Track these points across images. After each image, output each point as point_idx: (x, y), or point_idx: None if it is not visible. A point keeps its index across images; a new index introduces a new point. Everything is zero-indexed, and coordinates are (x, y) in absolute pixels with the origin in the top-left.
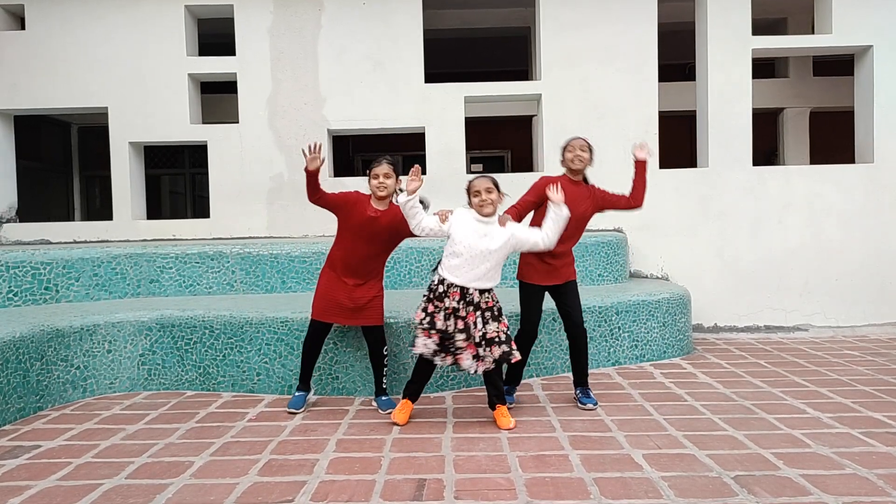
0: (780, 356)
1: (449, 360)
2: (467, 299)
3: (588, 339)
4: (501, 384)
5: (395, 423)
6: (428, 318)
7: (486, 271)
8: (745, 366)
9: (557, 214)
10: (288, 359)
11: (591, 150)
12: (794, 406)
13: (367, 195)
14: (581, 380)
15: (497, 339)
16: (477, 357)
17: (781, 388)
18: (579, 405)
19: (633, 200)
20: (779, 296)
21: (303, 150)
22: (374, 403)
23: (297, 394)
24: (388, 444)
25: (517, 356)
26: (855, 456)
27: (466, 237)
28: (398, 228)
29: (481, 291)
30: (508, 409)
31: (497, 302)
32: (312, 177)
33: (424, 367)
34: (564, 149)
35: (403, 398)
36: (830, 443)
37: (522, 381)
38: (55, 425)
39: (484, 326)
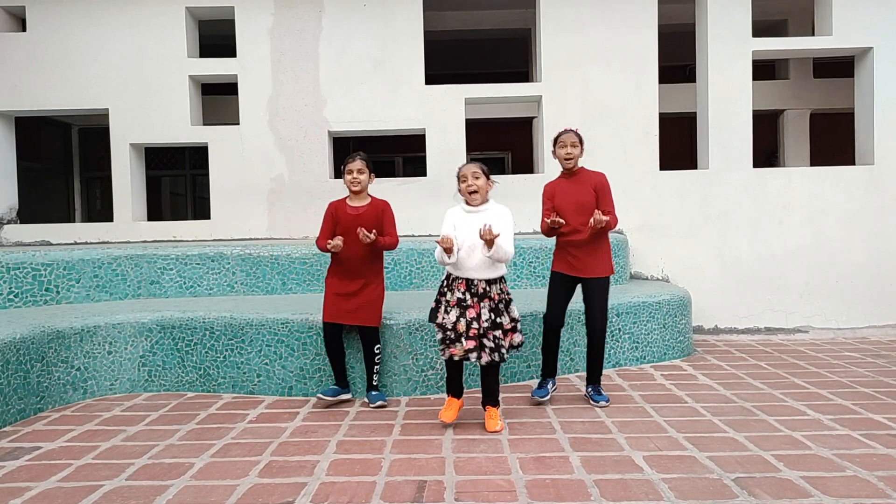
0: (781, 358)
1: (454, 350)
2: (472, 290)
3: (605, 341)
4: (496, 386)
5: (444, 423)
6: (438, 314)
7: (483, 259)
8: (746, 367)
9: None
10: (288, 360)
11: (581, 142)
12: (795, 408)
13: (340, 200)
14: (593, 378)
15: (502, 333)
16: (481, 348)
17: (782, 389)
18: (591, 402)
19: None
20: (779, 297)
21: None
22: (366, 398)
23: (332, 386)
24: (388, 445)
25: (518, 339)
26: (856, 458)
27: (461, 231)
28: (381, 222)
29: (489, 283)
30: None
31: (506, 294)
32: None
33: (449, 361)
34: (555, 142)
35: (448, 396)
36: (831, 445)
37: (522, 382)
38: (55, 426)
39: (491, 317)
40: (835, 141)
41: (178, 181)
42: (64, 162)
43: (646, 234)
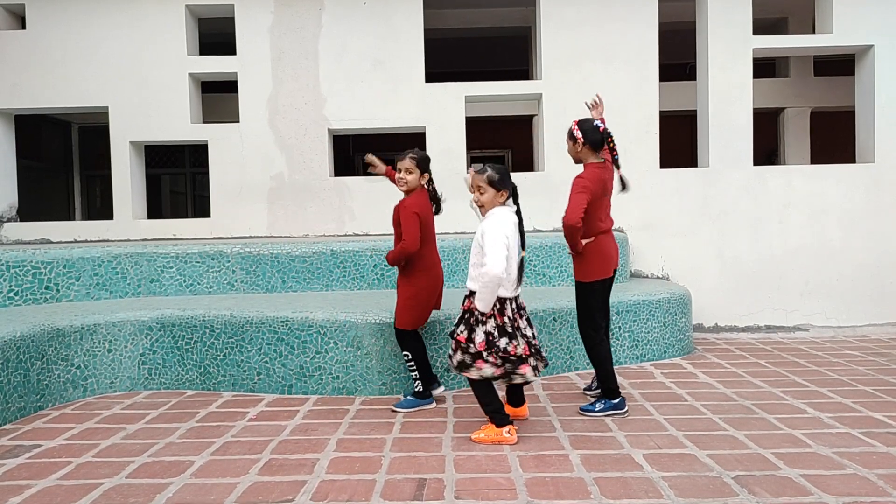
0: (781, 356)
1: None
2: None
3: (590, 345)
4: (477, 398)
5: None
6: None
7: (472, 268)
8: (746, 366)
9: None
10: (288, 358)
11: (571, 136)
12: (795, 406)
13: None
14: (601, 386)
15: (457, 343)
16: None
17: (782, 387)
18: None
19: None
20: (779, 296)
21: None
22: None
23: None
24: (388, 443)
25: (458, 358)
26: (855, 456)
27: None
28: (399, 221)
29: (471, 291)
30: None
31: (478, 315)
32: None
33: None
34: None
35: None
36: (831, 443)
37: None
38: (55, 424)
39: (455, 326)
40: (835, 139)
41: (178, 179)
42: (64, 160)
43: (646, 232)
